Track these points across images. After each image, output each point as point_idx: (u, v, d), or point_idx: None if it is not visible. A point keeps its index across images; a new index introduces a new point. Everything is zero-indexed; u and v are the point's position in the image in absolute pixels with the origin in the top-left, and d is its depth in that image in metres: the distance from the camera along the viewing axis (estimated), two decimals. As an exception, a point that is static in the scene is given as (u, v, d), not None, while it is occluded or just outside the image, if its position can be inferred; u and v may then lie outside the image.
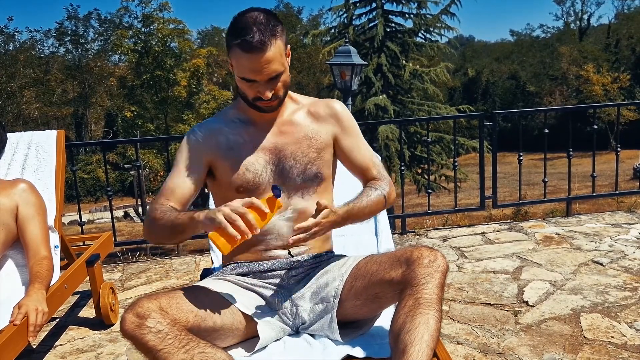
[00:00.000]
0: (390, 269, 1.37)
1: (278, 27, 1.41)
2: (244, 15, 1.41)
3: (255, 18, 1.38)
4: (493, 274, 2.93)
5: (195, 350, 1.23)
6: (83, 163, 27.42)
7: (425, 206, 4.51)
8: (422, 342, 1.25)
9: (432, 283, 1.31)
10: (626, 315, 2.34)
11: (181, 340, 1.22)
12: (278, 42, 1.40)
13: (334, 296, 1.47)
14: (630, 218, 3.94)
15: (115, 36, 25.61)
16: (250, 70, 1.40)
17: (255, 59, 1.37)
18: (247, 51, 1.36)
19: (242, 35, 1.36)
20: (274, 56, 1.39)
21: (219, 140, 1.54)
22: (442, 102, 18.06)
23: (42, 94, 30.48)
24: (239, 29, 1.38)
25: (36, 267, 1.98)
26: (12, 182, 2.17)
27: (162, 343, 1.21)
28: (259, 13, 1.41)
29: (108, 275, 3.37)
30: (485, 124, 4.17)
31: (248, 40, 1.35)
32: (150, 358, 1.22)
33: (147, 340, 1.21)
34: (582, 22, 45.52)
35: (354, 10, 17.13)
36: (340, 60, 5.93)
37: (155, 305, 1.25)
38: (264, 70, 1.39)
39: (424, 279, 1.31)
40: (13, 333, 1.71)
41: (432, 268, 1.32)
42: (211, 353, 1.24)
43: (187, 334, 1.25)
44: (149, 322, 1.21)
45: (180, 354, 1.21)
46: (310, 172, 1.54)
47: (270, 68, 1.40)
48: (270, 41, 1.38)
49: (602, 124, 26.87)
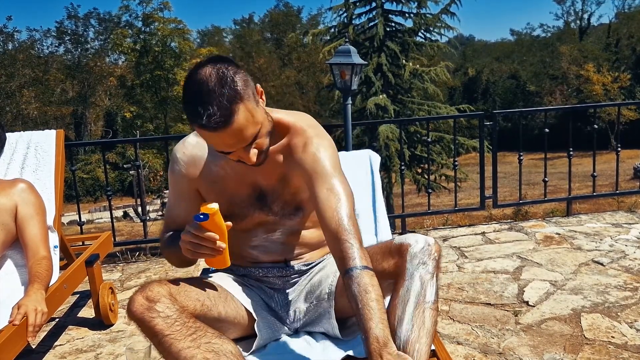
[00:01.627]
0: (382, 260, 1.36)
1: (236, 86, 1.22)
2: (196, 80, 1.22)
3: (206, 88, 1.20)
4: (493, 274, 2.92)
5: (202, 339, 1.21)
6: (82, 163, 27.39)
7: (425, 206, 4.50)
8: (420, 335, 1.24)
9: (424, 271, 1.29)
10: (627, 315, 2.34)
11: (189, 327, 1.21)
12: (242, 107, 1.22)
13: (328, 293, 1.47)
14: (630, 218, 3.93)
15: (115, 35, 25.57)
16: (222, 145, 1.27)
17: (222, 136, 1.23)
18: (210, 131, 1.22)
19: (198, 117, 1.20)
20: (243, 123, 1.23)
21: (203, 171, 1.48)
22: (442, 102, 18.09)
23: (42, 94, 30.45)
24: (193, 103, 1.21)
25: (35, 267, 1.98)
26: (11, 182, 2.16)
27: (169, 328, 1.20)
28: (210, 76, 1.21)
29: (107, 275, 3.36)
30: (485, 124, 4.17)
31: (209, 125, 1.20)
32: (155, 342, 1.21)
33: (155, 324, 1.20)
34: (583, 21, 45.54)
35: (354, 9, 17.16)
36: (340, 59, 5.92)
37: (166, 290, 1.25)
38: (236, 142, 1.26)
39: (416, 268, 1.29)
40: (12, 333, 1.70)
41: (425, 256, 1.30)
42: (218, 344, 1.22)
43: (195, 322, 1.23)
44: (158, 307, 1.21)
45: (186, 342, 1.19)
46: (288, 208, 1.50)
47: (243, 137, 1.25)
48: (233, 111, 1.20)
49: (602, 124, 26.85)
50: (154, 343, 1.22)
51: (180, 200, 1.53)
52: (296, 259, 1.55)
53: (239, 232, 1.50)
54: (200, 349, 1.19)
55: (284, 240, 1.52)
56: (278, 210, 1.50)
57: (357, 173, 2.19)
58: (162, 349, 1.21)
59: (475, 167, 5.36)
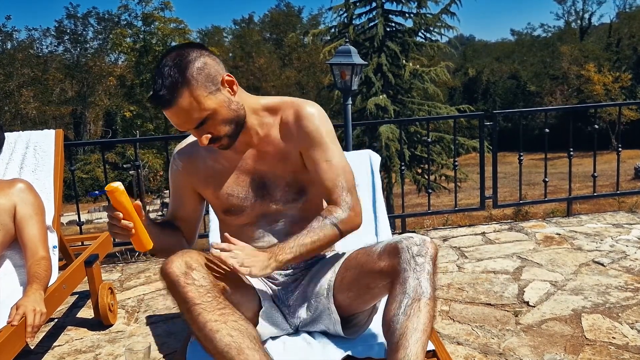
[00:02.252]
0: (379, 260, 1.37)
1: (185, 72, 1.31)
2: (162, 59, 1.35)
3: (162, 68, 1.32)
4: (493, 274, 2.92)
5: (229, 317, 1.23)
6: (82, 163, 27.36)
7: (425, 206, 4.50)
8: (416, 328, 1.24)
9: (420, 268, 1.29)
10: (627, 315, 2.33)
11: (219, 302, 1.24)
12: (186, 92, 1.30)
13: (327, 289, 1.47)
14: (631, 218, 3.93)
15: (115, 35, 25.57)
16: (175, 125, 1.36)
17: (169, 113, 1.33)
18: (154, 106, 1.36)
19: (151, 90, 1.33)
20: (185, 107, 1.31)
21: (199, 167, 1.52)
22: (442, 102, 18.08)
23: (41, 93, 30.43)
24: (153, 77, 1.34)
25: (34, 268, 1.97)
26: (10, 181, 2.16)
27: (201, 298, 1.22)
28: (170, 59, 1.33)
29: (107, 275, 3.35)
30: (485, 124, 4.17)
31: (155, 96, 1.31)
32: (184, 309, 1.24)
33: (188, 290, 1.22)
34: (583, 21, 45.48)
35: (354, 9, 17.15)
36: (340, 59, 5.91)
37: (202, 261, 1.28)
38: (181, 123, 1.34)
39: (413, 268, 1.29)
40: (11, 334, 1.70)
41: (421, 256, 1.30)
42: (244, 325, 1.25)
43: (224, 300, 1.26)
44: (194, 274, 1.24)
45: (215, 314, 1.22)
46: (290, 192, 1.51)
47: (189, 117, 1.33)
48: (177, 93, 1.30)
49: (603, 124, 26.85)
50: (182, 309, 1.24)
51: (177, 197, 1.58)
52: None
53: (241, 226, 1.51)
54: (227, 325, 1.22)
55: (288, 230, 1.51)
56: (280, 196, 1.51)
57: (358, 173, 2.17)
58: (190, 316, 1.23)
59: (475, 167, 5.36)
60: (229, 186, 1.49)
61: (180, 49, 1.35)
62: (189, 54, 1.33)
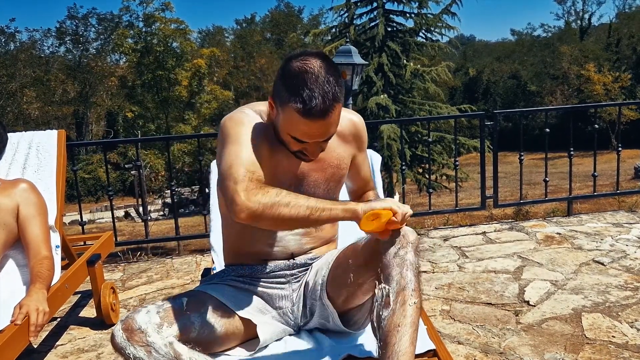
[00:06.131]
0: (365, 254, 1.39)
1: (341, 82, 1.30)
2: (306, 69, 1.26)
3: (317, 78, 1.25)
4: (494, 274, 2.93)
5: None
6: (84, 163, 27.40)
7: (426, 205, 4.50)
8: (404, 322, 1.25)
9: (400, 260, 1.30)
10: (627, 315, 2.34)
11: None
12: (339, 105, 1.30)
13: (321, 284, 1.48)
14: (631, 217, 3.93)
15: (116, 36, 25.58)
16: (304, 134, 1.30)
17: (315, 126, 1.27)
18: (307, 118, 1.26)
19: (304, 102, 1.24)
20: (334, 121, 1.30)
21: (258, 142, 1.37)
22: (443, 102, 18.07)
23: (43, 94, 30.42)
24: (299, 88, 1.24)
25: (37, 267, 1.98)
26: (13, 182, 2.17)
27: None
28: (321, 69, 1.26)
29: (109, 275, 3.37)
30: (486, 124, 4.17)
31: (310, 110, 1.24)
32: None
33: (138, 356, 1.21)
34: (583, 21, 45.43)
35: (355, 9, 17.17)
36: (341, 59, 5.93)
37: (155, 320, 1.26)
38: (321, 135, 1.31)
39: (394, 257, 1.31)
40: (14, 333, 1.71)
41: (402, 247, 1.32)
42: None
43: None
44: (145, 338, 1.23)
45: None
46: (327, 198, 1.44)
47: (328, 132, 1.32)
48: (334, 107, 1.27)
49: (603, 124, 26.80)
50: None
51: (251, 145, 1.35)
52: (305, 254, 1.56)
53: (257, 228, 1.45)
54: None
55: (304, 232, 1.52)
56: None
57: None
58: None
59: (476, 167, 5.36)
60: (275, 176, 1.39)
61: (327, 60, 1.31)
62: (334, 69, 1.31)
